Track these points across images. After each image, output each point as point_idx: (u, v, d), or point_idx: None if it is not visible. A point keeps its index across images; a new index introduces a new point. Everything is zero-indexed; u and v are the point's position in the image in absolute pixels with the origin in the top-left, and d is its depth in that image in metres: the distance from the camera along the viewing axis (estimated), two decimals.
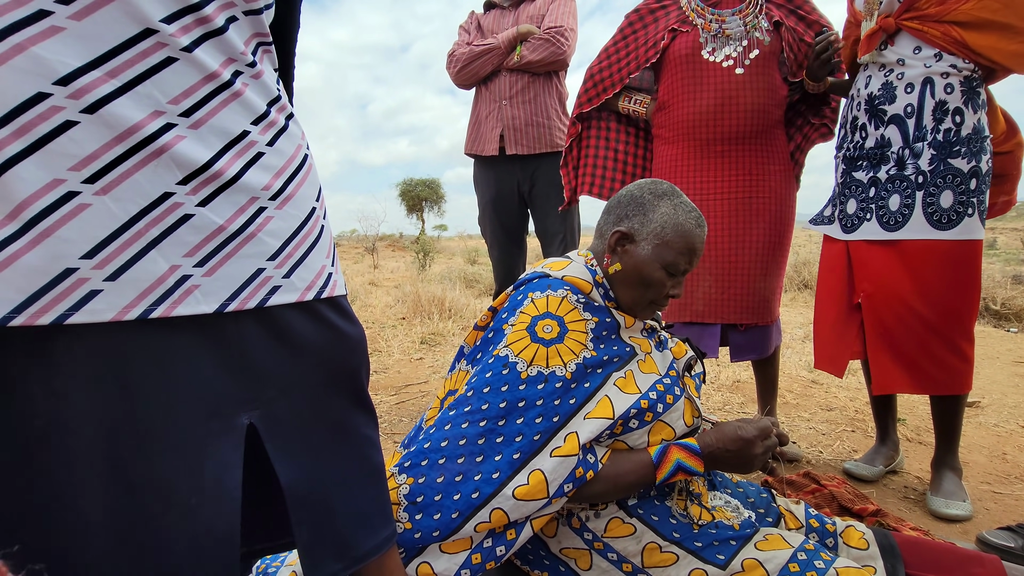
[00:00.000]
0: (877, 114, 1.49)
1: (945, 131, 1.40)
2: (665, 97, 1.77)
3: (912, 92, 1.43)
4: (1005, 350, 3.56)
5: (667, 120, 1.77)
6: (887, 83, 1.46)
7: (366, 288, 6.61)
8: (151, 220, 0.48)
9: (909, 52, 1.43)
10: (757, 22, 1.66)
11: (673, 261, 1.02)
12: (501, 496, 0.89)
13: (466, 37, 2.34)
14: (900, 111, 1.45)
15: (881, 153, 1.49)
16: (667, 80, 1.76)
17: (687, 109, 1.71)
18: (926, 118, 1.42)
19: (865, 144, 1.53)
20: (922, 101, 1.42)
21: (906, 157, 1.44)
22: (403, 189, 22.62)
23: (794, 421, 2.23)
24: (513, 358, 0.98)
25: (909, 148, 1.44)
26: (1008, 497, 1.61)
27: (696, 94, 1.69)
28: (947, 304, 1.43)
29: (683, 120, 1.72)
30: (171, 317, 0.49)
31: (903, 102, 1.44)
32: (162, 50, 0.48)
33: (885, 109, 1.47)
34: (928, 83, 1.41)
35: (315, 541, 0.61)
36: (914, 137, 1.43)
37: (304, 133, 0.64)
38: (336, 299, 0.64)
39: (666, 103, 1.77)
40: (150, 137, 0.47)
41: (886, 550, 1.02)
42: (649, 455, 0.98)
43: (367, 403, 0.68)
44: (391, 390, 2.68)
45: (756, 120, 1.67)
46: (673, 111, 1.75)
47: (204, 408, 0.52)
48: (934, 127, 1.41)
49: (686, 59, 1.70)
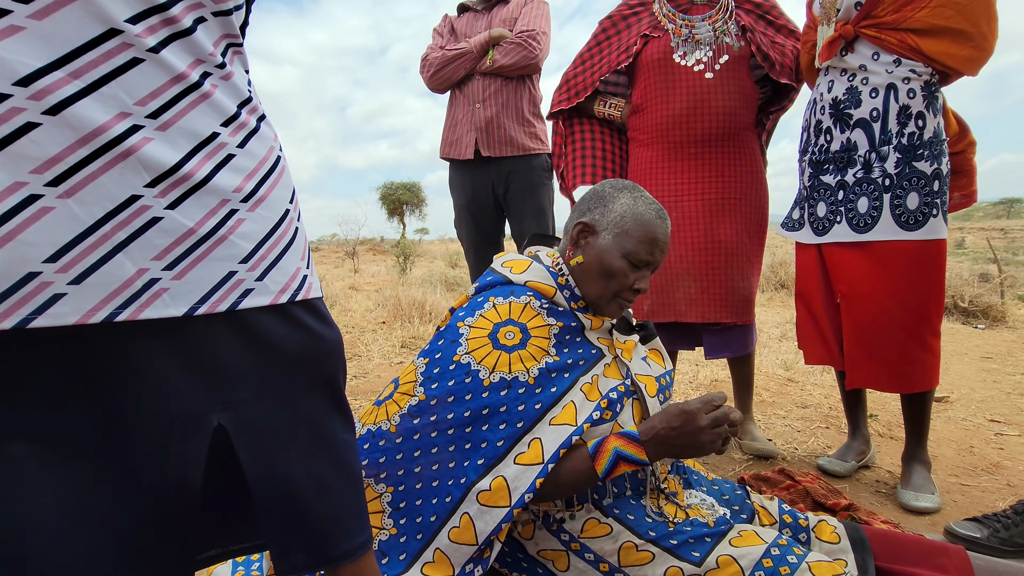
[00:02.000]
0: (843, 118, 1.52)
1: (909, 135, 1.45)
2: (639, 101, 1.80)
3: (877, 97, 1.47)
4: (973, 346, 3.67)
5: (641, 123, 1.80)
6: (852, 88, 1.50)
7: (346, 292, 6.55)
8: (118, 223, 0.47)
9: (868, 58, 1.47)
10: (727, 27, 1.70)
11: (633, 250, 1.03)
12: (467, 500, 0.91)
13: (439, 41, 2.34)
14: (866, 115, 1.48)
15: (848, 157, 1.53)
16: (641, 84, 1.79)
17: (660, 112, 1.74)
18: (891, 122, 1.46)
19: (831, 147, 1.57)
20: (887, 105, 1.46)
21: (873, 160, 1.48)
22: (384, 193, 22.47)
23: (770, 419, 2.27)
24: (475, 365, 0.98)
25: (875, 151, 1.48)
26: (975, 489, 1.66)
27: (668, 98, 1.72)
28: (917, 302, 1.47)
29: (657, 123, 1.75)
30: (139, 320, 0.49)
31: (868, 106, 1.48)
32: (128, 51, 0.48)
33: (851, 113, 1.51)
34: (892, 88, 1.45)
35: (284, 537, 0.61)
36: (880, 141, 1.47)
37: (277, 135, 0.64)
38: (311, 302, 0.64)
39: (640, 106, 1.79)
40: (116, 139, 0.47)
41: (856, 543, 1.04)
42: (586, 449, 0.96)
43: (344, 407, 0.68)
44: (371, 395, 2.66)
45: (727, 123, 1.70)
46: (647, 114, 1.77)
47: (171, 408, 0.52)
48: (898, 131, 1.45)
49: (658, 64, 1.73)
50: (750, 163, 1.77)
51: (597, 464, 0.95)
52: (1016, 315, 4.63)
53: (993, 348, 3.61)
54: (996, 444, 2.02)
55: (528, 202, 2.28)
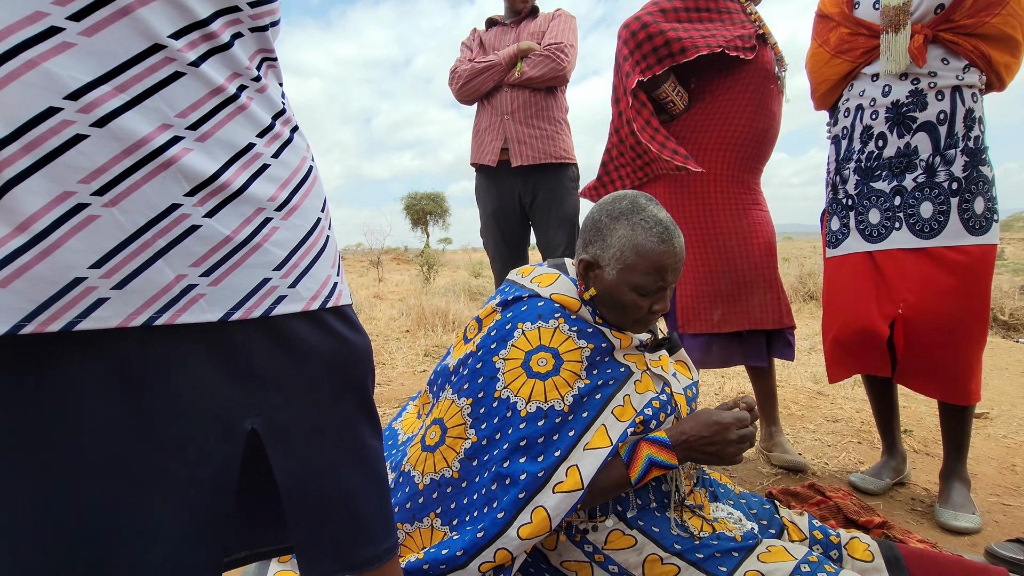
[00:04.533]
0: (904, 122, 1.48)
1: (975, 138, 1.42)
2: (722, 104, 1.72)
3: (944, 100, 1.44)
4: (1014, 360, 3.53)
5: (715, 127, 1.73)
6: (917, 91, 1.46)
7: (371, 301, 6.63)
8: (158, 231, 0.49)
9: (938, 62, 1.44)
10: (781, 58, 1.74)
11: (640, 283, 0.99)
12: (505, 537, 0.90)
13: (468, 54, 2.37)
14: (932, 118, 1.45)
15: (906, 161, 1.48)
16: (734, 87, 1.71)
17: (747, 125, 1.72)
18: (958, 125, 1.43)
19: (884, 153, 1.52)
20: (954, 108, 1.43)
21: (937, 164, 1.44)
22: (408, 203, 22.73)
23: (799, 432, 2.21)
24: (514, 398, 0.98)
25: (940, 155, 1.44)
26: (1018, 509, 1.59)
27: (759, 113, 1.72)
28: (979, 308, 1.44)
29: (739, 134, 1.72)
30: (176, 325, 0.50)
31: (936, 109, 1.44)
32: (169, 65, 0.50)
33: (915, 116, 1.46)
34: (957, 91, 1.43)
35: (312, 541, 0.62)
36: (946, 144, 1.44)
37: (309, 145, 0.65)
38: (342, 308, 0.65)
39: (721, 109, 1.72)
40: (158, 150, 0.49)
41: (891, 562, 1.01)
42: (619, 456, 0.98)
43: (372, 413, 0.69)
44: (394, 402, 2.68)
45: (772, 149, 1.80)
46: (728, 121, 1.72)
47: (206, 411, 0.53)
48: (965, 134, 1.42)
49: (765, 75, 1.71)
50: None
51: (632, 471, 0.96)
52: None
53: None
54: None
55: (554, 212, 2.29)
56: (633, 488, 0.97)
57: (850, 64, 1.57)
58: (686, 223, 1.76)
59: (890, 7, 1.46)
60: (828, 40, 1.61)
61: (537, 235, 2.38)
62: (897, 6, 1.44)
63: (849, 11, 1.57)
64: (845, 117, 1.62)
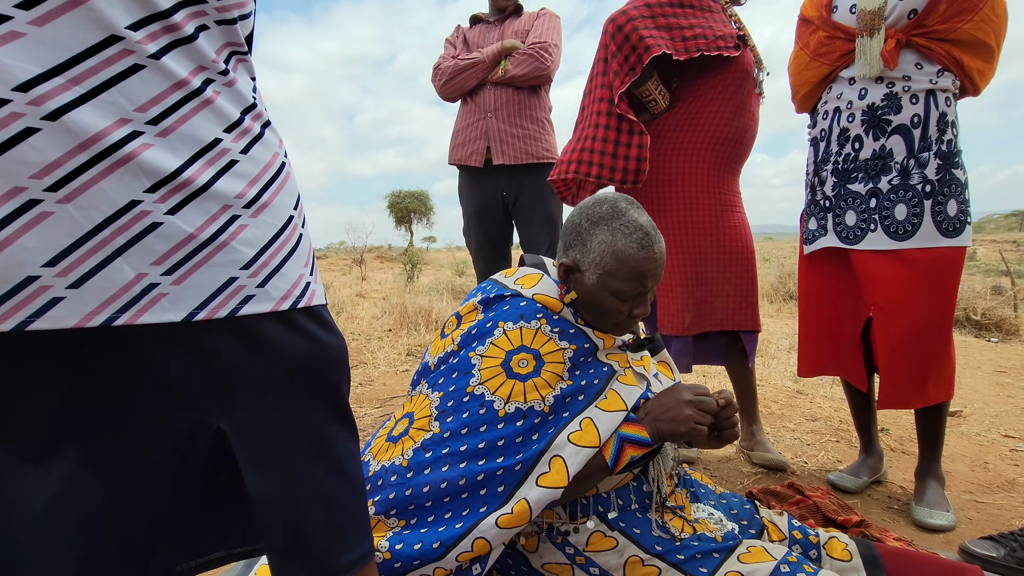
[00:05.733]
0: (879, 124, 1.50)
1: (947, 142, 1.44)
2: (703, 103, 1.73)
3: (918, 103, 1.45)
4: (986, 359, 3.61)
5: (695, 126, 1.75)
6: (891, 94, 1.48)
7: (353, 300, 6.57)
8: (117, 228, 0.48)
9: (912, 66, 1.45)
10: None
11: (621, 289, 0.98)
12: (484, 525, 0.88)
13: (452, 51, 2.36)
14: (906, 121, 1.46)
15: (882, 164, 1.50)
16: (715, 88, 1.72)
17: (727, 124, 1.73)
18: (931, 128, 1.45)
19: (860, 155, 1.54)
20: (928, 111, 1.45)
21: (911, 167, 1.46)
22: (391, 201, 22.61)
23: (779, 431, 2.23)
24: (490, 396, 0.96)
25: (915, 158, 1.46)
26: (990, 506, 1.62)
27: (738, 113, 1.73)
28: (948, 308, 1.47)
29: (719, 134, 1.74)
30: (137, 325, 0.48)
31: (909, 112, 1.46)
32: (128, 57, 0.48)
33: (890, 119, 1.48)
34: (931, 94, 1.45)
35: (284, 548, 0.60)
36: (919, 147, 1.46)
37: (282, 141, 0.64)
38: (315, 309, 0.63)
39: (701, 109, 1.73)
40: (115, 145, 0.47)
41: (869, 561, 1.02)
42: None
43: (348, 415, 0.67)
44: (376, 402, 2.66)
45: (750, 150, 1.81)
46: (708, 120, 1.73)
47: (170, 410, 0.52)
48: (938, 137, 1.44)
49: (745, 76, 1.72)
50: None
51: (605, 452, 0.95)
52: None
53: (1007, 362, 3.55)
54: (1011, 460, 1.97)
55: (537, 211, 2.28)
56: (611, 472, 0.96)
57: (828, 67, 1.59)
58: (667, 224, 1.76)
59: (866, 11, 1.48)
60: (808, 43, 1.63)
61: (520, 234, 2.37)
62: (872, 11, 1.46)
63: (827, 15, 1.59)
64: (823, 120, 1.64)
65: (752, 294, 1.79)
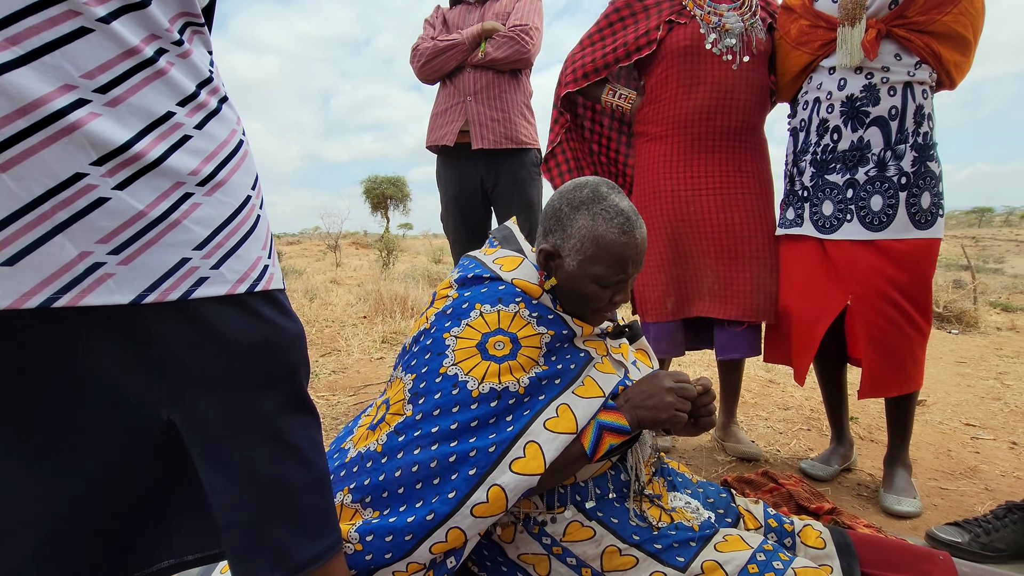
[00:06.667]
0: (858, 115, 1.50)
1: (923, 135, 1.46)
2: (658, 91, 1.73)
3: (895, 95, 1.46)
4: (948, 350, 3.72)
5: (656, 115, 1.74)
6: (870, 85, 1.48)
7: (327, 286, 6.46)
8: (59, 202, 0.44)
9: (891, 57, 1.46)
10: (755, 20, 1.67)
11: (601, 275, 0.97)
12: (459, 515, 0.85)
13: (431, 32, 2.29)
14: (884, 113, 1.47)
15: (859, 155, 1.51)
16: (660, 73, 1.72)
17: (682, 104, 1.69)
18: (908, 121, 1.46)
19: (838, 146, 1.54)
20: (905, 104, 1.46)
21: (888, 159, 1.47)
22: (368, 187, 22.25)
23: (752, 420, 2.26)
24: (463, 376, 0.94)
25: (891, 150, 1.47)
26: (954, 493, 1.67)
27: (693, 89, 1.67)
28: (923, 299, 1.49)
29: (676, 115, 1.70)
30: (80, 307, 0.45)
31: (887, 104, 1.47)
32: (74, 19, 0.44)
33: (868, 111, 1.49)
34: (909, 87, 1.45)
35: (247, 547, 0.57)
36: (896, 139, 1.47)
37: (240, 119, 0.60)
38: (272, 293, 0.60)
39: (657, 97, 1.73)
40: (59, 112, 0.43)
41: (842, 549, 1.03)
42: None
43: (307, 403, 0.64)
44: (350, 390, 2.61)
45: (748, 118, 1.69)
46: (665, 105, 1.72)
47: (113, 400, 0.49)
48: (915, 130, 1.46)
49: (685, 52, 1.67)
50: (764, 160, 1.75)
51: (584, 439, 0.94)
52: (988, 321, 4.72)
53: (967, 353, 3.67)
54: (972, 448, 2.03)
55: (516, 197, 2.25)
56: (590, 460, 0.94)
57: (809, 56, 1.59)
58: (640, 210, 1.74)
59: (848, 1, 1.47)
60: (790, 32, 1.63)
61: (499, 219, 2.34)
62: (855, 0, 1.46)
63: (810, 3, 1.59)
64: (803, 110, 1.64)
65: (740, 282, 1.70)
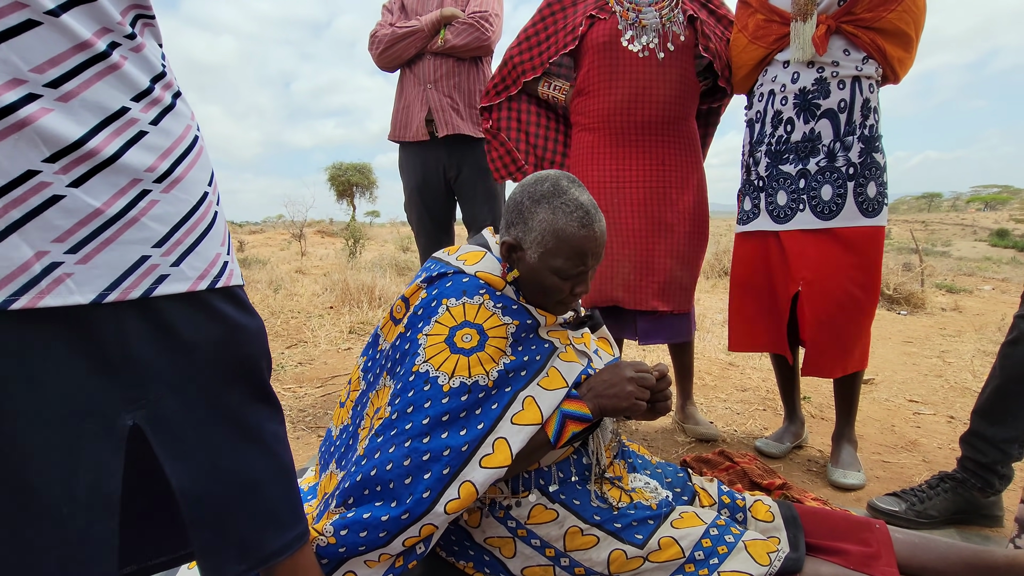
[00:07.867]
0: (809, 108, 1.57)
1: (870, 127, 1.53)
2: (583, 84, 1.78)
3: (844, 88, 1.53)
4: (896, 331, 3.91)
5: (585, 107, 1.79)
6: (821, 79, 1.54)
7: (292, 276, 6.34)
8: (11, 200, 0.43)
9: (840, 53, 1.52)
10: (673, 15, 1.70)
11: (561, 267, 0.99)
12: (433, 514, 0.88)
13: (389, 17, 2.26)
14: (834, 105, 1.54)
15: (811, 146, 1.58)
16: (585, 67, 1.77)
17: (603, 97, 1.73)
18: (856, 113, 1.53)
19: (791, 138, 1.61)
20: (853, 97, 1.53)
21: (837, 150, 1.54)
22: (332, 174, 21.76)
23: (712, 402, 2.35)
24: (434, 372, 0.96)
25: (840, 141, 1.54)
26: (895, 466, 1.77)
27: (612, 83, 1.72)
28: (871, 284, 1.56)
29: (600, 108, 1.75)
30: (38, 309, 0.44)
31: (837, 97, 1.54)
32: (21, 11, 0.43)
33: (819, 103, 1.55)
34: (856, 81, 1.52)
35: (214, 542, 0.58)
36: (845, 131, 1.54)
37: (194, 113, 0.59)
38: (231, 289, 0.60)
39: (584, 90, 1.78)
40: (8, 108, 0.42)
41: (789, 521, 1.09)
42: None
43: (270, 398, 0.65)
44: (317, 382, 2.59)
45: (670, 111, 1.73)
46: (590, 98, 1.76)
47: (77, 408, 0.48)
48: (862, 122, 1.53)
49: (603, 47, 1.71)
50: (691, 152, 1.80)
51: (548, 428, 0.97)
52: (935, 302, 4.97)
53: (913, 333, 3.86)
54: (914, 423, 2.16)
55: (480, 186, 2.25)
56: (554, 447, 0.98)
57: (764, 50, 1.64)
58: None
59: None
60: (747, 26, 1.67)
61: (463, 210, 2.33)
62: None
63: (760, 1, 1.64)
64: (759, 102, 1.69)
65: (654, 274, 1.74)
